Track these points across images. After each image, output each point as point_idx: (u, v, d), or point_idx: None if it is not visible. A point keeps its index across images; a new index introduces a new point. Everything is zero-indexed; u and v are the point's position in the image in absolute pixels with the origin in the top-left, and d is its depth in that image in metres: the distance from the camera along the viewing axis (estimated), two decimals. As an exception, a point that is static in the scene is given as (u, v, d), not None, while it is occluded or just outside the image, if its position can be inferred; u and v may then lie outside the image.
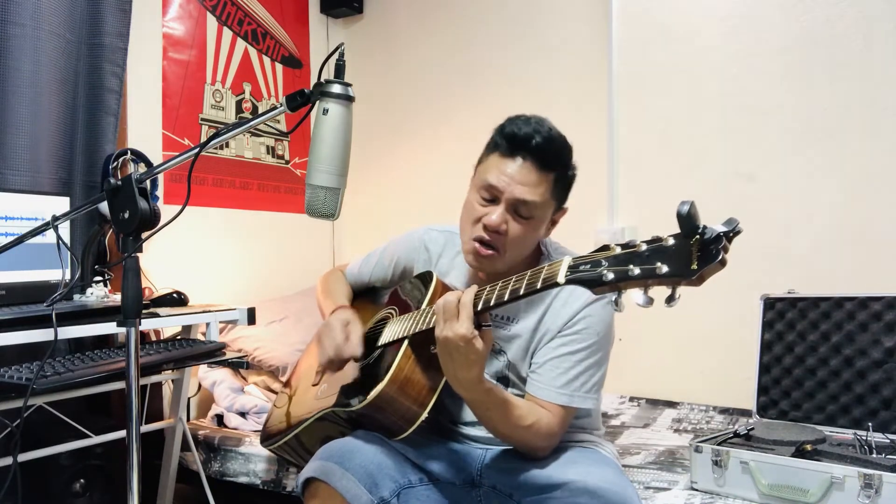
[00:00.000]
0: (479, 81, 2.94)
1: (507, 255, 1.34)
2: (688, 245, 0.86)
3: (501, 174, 1.31)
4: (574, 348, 1.33)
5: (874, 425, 1.69)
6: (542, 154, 1.31)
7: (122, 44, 2.24)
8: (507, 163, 1.32)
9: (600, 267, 0.94)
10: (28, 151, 2.00)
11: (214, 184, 2.75)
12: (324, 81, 1.16)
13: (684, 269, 0.86)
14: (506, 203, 1.31)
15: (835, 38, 2.26)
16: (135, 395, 1.11)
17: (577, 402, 1.32)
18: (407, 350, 1.28)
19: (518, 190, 1.30)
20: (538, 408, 1.30)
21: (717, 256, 0.83)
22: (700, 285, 0.87)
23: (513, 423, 1.25)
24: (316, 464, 1.28)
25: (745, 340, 2.04)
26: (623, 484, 1.24)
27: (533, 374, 1.35)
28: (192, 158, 1.16)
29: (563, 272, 1.00)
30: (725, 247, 0.84)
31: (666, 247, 0.89)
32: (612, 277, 0.92)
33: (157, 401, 2.30)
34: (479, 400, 1.23)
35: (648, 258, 0.90)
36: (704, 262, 0.84)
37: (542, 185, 1.31)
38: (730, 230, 0.84)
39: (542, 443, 1.29)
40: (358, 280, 1.70)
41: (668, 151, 2.55)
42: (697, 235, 0.85)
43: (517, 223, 1.32)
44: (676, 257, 0.87)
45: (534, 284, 1.06)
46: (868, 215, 2.21)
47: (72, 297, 1.90)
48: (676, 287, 0.88)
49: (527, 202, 1.30)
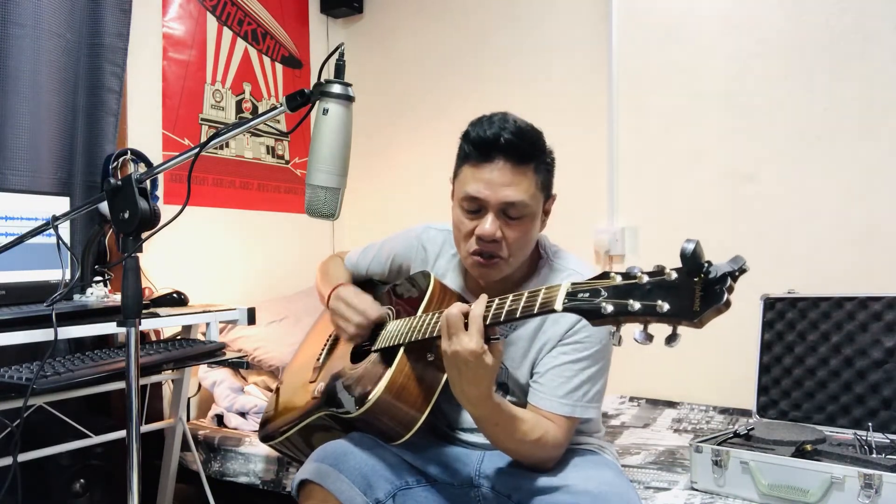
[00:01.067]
0: (480, 81, 2.94)
1: (512, 258, 1.31)
2: (691, 283, 0.82)
3: (480, 182, 1.26)
4: (576, 357, 1.31)
5: (874, 425, 1.69)
6: (516, 149, 1.25)
7: (122, 44, 2.24)
8: (483, 169, 1.27)
9: (599, 297, 0.91)
10: (28, 151, 2.00)
11: (214, 184, 2.75)
12: (324, 81, 1.16)
13: (686, 310, 0.83)
14: (494, 210, 1.26)
15: (835, 38, 2.26)
16: (135, 395, 1.11)
17: (580, 412, 1.30)
18: (403, 357, 1.28)
19: (502, 193, 1.25)
20: (544, 420, 1.27)
21: (721, 298, 0.80)
22: (701, 328, 0.83)
23: (519, 438, 1.22)
24: (310, 466, 1.28)
25: (745, 340, 2.04)
26: (624, 487, 1.24)
27: (535, 384, 1.33)
28: (192, 158, 1.16)
29: (561, 299, 0.98)
30: (731, 287, 0.80)
31: (668, 282, 0.85)
32: (610, 311, 0.90)
33: (157, 401, 2.31)
34: (487, 416, 1.19)
35: (649, 293, 0.86)
36: (708, 303, 0.81)
37: (524, 181, 1.26)
38: (736, 269, 0.81)
39: (547, 455, 1.28)
40: (356, 271, 1.68)
41: (668, 151, 2.55)
42: (702, 274, 0.82)
43: (511, 226, 1.28)
44: (678, 295, 0.84)
45: (531, 308, 1.04)
46: (868, 215, 2.21)
47: (72, 297, 1.90)
48: (677, 326, 0.85)
49: (514, 203, 1.26)
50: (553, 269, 1.39)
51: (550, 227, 1.44)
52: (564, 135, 1.50)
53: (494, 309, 1.10)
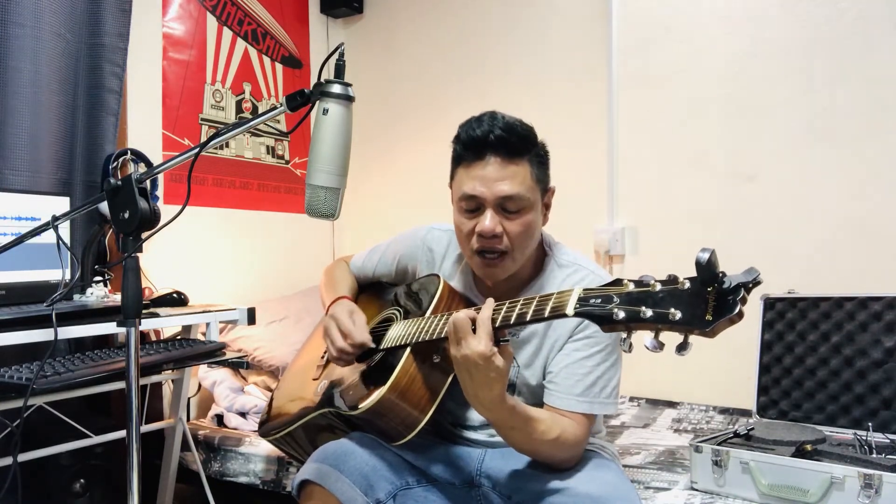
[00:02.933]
0: (480, 81, 2.94)
1: (516, 252, 1.30)
2: (704, 292, 0.83)
3: (475, 181, 1.27)
4: (588, 353, 1.30)
5: (874, 425, 1.69)
6: (507, 144, 1.27)
7: (122, 44, 2.24)
8: (477, 168, 1.28)
9: (611, 303, 0.92)
10: (28, 151, 2.00)
11: (214, 184, 2.75)
12: (324, 81, 1.16)
13: (698, 319, 0.83)
14: (492, 205, 1.27)
15: (835, 38, 2.26)
16: (135, 395, 1.11)
17: (598, 408, 1.29)
18: (409, 357, 1.27)
19: (497, 188, 1.26)
20: (561, 419, 1.26)
21: (735, 308, 0.80)
22: (713, 338, 0.83)
23: (537, 439, 1.21)
24: (311, 466, 1.28)
25: (745, 340, 2.03)
26: (625, 488, 1.24)
27: (550, 385, 1.32)
28: (192, 158, 1.16)
29: (573, 304, 0.98)
30: (744, 298, 0.81)
31: (681, 290, 0.86)
32: (622, 317, 0.90)
33: (157, 401, 2.30)
34: (503, 419, 1.18)
35: (662, 301, 0.87)
36: (720, 314, 0.81)
37: (518, 174, 1.27)
38: (749, 280, 0.81)
39: (567, 454, 1.26)
40: (362, 273, 1.67)
41: (668, 151, 2.55)
42: (715, 284, 0.82)
43: (511, 221, 1.28)
44: (691, 304, 0.84)
45: (541, 312, 1.04)
46: (868, 215, 2.21)
47: (72, 297, 1.90)
48: (689, 335, 0.85)
49: (511, 196, 1.26)
50: (559, 265, 1.39)
51: (551, 228, 1.44)
52: (564, 135, 1.50)
53: (505, 311, 1.10)
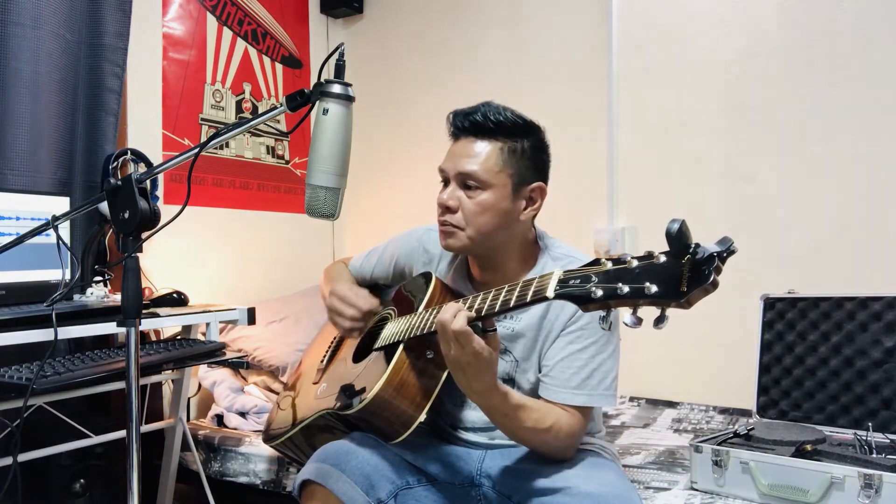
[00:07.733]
0: (480, 81, 2.94)
1: (469, 229, 1.32)
2: (679, 265, 0.83)
3: (447, 157, 1.37)
4: (583, 344, 1.30)
5: (874, 425, 1.69)
6: (479, 126, 1.33)
7: (122, 44, 2.24)
8: (454, 146, 1.37)
9: (589, 282, 0.92)
10: (28, 151, 2.00)
11: (214, 184, 2.75)
12: (324, 81, 1.17)
13: (673, 291, 0.83)
14: (455, 180, 1.34)
15: (835, 38, 2.26)
16: (135, 395, 1.11)
17: (597, 400, 1.29)
18: (402, 354, 1.28)
19: (460, 163, 1.33)
20: (556, 408, 1.27)
21: (709, 278, 0.80)
22: (689, 308, 0.83)
23: (531, 427, 1.22)
24: (312, 466, 1.28)
25: (745, 340, 2.04)
26: (625, 488, 1.24)
27: (545, 378, 1.32)
28: (192, 158, 1.16)
29: (553, 286, 0.98)
30: (718, 268, 0.81)
31: (656, 265, 0.86)
32: (600, 294, 0.90)
33: (157, 401, 2.31)
34: (496, 406, 1.20)
35: (638, 276, 0.87)
36: (695, 283, 0.81)
37: (483, 154, 1.32)
38: (723, 250, 0.81)
39: (562, 444, 1.27)
40: (360, 275, 1.68)
41: (668, 151, 2.55)
42: (689, 255, 0.82)
43: (469, 197, 1.32)
44: (666, 277, 0.84)
45: (524, 297, 1.05)
46: (868, 215, 2.21)
47: (72, 297, 1.90)
48: (665, 308, 0.85)
49: (469, 173, 1.31)
50: (553, 259, 1.40)
51: (551, 227, 1.44)
52: (564, 135, 1.50)
53: (490, 300, 1.11)
